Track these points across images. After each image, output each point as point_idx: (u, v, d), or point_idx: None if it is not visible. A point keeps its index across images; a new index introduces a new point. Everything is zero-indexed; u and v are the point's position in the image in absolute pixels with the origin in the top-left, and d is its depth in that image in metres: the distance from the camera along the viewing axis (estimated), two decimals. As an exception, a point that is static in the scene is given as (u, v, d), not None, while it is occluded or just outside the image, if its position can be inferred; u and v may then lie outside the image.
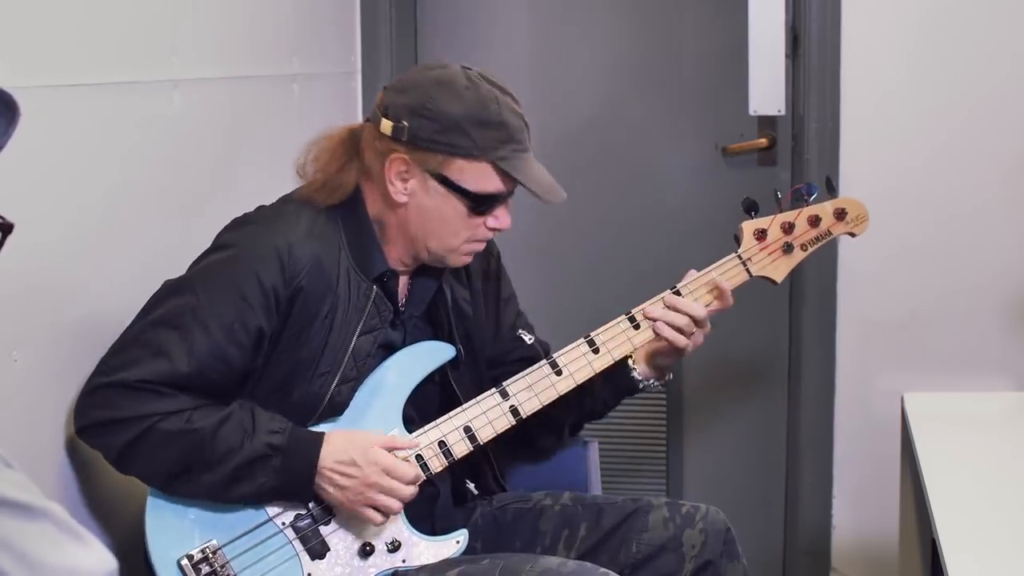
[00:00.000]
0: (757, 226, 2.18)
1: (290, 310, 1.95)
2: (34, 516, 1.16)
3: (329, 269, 1.98)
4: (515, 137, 1.99)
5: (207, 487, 1.91)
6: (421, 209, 2.00)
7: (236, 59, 2.58)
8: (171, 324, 1.91)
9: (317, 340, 1.97)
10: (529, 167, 2.00)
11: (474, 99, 1.97)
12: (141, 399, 1.88)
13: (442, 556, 2.02)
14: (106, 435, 1.91)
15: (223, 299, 1.92)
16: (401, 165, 1.98)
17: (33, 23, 1.83)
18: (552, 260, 3.40)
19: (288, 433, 1.92)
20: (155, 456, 1.90)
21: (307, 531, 1.97)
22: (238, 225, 2.04)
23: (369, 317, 2.01)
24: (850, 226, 2.24)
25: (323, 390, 1.98)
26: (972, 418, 2.76)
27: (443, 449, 2.03)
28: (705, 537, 2.12)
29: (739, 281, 2.17)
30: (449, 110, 1.96)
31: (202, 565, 1.92)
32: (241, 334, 1.92)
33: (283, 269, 1.93)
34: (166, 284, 1.98)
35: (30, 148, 1.70)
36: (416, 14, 3.41)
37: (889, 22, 3.10)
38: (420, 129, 1.96)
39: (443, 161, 1.96)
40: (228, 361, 1.92)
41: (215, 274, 1.96)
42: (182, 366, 1.89)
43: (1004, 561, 1.94)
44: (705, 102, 3.32)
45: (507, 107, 1.99)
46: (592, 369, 2.11)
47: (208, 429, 1.89)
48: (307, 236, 1.97)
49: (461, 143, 1.96)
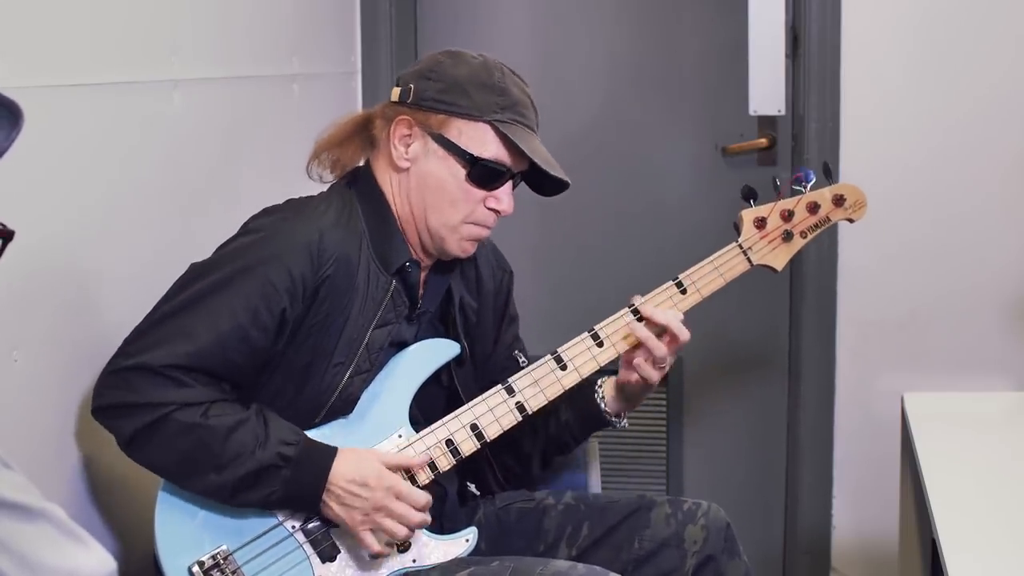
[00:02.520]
0: (757, 214, 2.18)
1: (315, 298, 1.95)
2: (33, 517, 1.16)
3: (353, 260, 1.98)
4: (517, 109, 2.01)
5: (214, 488, 1.90)
6: (422, 175, 2.01)
7: (236, 59, 2.58)
8: (196, 306, 1.91)
9: (334, 331, 1.97)
10: (530, 139, 2.02)
11: (480, 65, 2.02)
12: (160, 385, 1.87)
13: (452, 555, 2.01)
14: (120, 418, 1.89)
15: (249, 282, 1.92)
16: (405, 128, 2.01)
17: (33, 23, 1.83)
18: (552, 260, 3.40)
19: (301, 445, 1.91)
20: (165, 447, 1.88)
21: (317, 534, 1.96)
22: (268, 213, 2.04)
23: (385, 311, 2.01)
24: (848, 212, 2.23)
25: (336, 381, 1.98)
26: (972, 418, 2.76)
27: (451, 448, 2.02)
28: (707, 533, 2.12)
29: (740, 270, 2.16)
30: (454, 72, 2.01)
31: (213, 572, 1.91)
32: (266, 317, 1.91)
33: (312, 257, 1.94)
34: (192, 267, 1.98)
35: (30, 148, 1.69)
36: (416, 14, 3.41)
37: (889, 22, 3.10)
38: (424, 90, 2.00)
39: (443, 121, 1.99)
40: (251, 343, 1.92)
41: (242, 257, 1.95)
42: (205, 348, 1.89)
43: (1004, 561, 1.94)
44: (705, 102, 3.32)
45: (513, 81, 2.03)
46: (597, 363, 2.10)
47: (221, 430, 1.87)
48: (334, 225, 1.98)
49: (461, 102, 1.99)
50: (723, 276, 2.15)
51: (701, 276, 2.14)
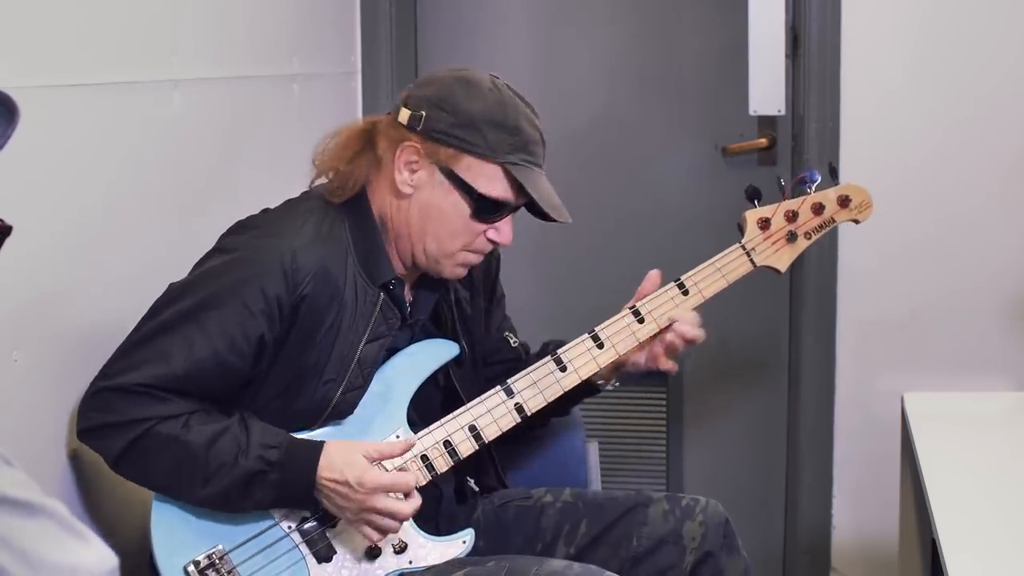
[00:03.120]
0: (760, 215, 2.17)
1: (294, 317, 1.93)
2: (34, 514, 1.16)
3: (335, 275, 1.96)
4: (529, 148, 1.99)
5: (205, 498, 1.90)
6: (424, 204, 1.99)
7: (236, 59, 2.58)
8: (173, 329, 1.90)
9: (323, 347, 1.95)
10: (538, 181, 2.00)
11: (495, 101, 1.98)
12: (139, 403, 1.88)
13: (448, 556, 2.01)
14: (104, 438, 1.90)
15: (225, 306, 1.90)
16: (412, 154, 1.98)
17: (33, 23, 1.83)
18: (552, 260, 3.40)
19: (284, 448, 1.89)
20: (150, 461, 1.89)
21: (313, 534, 1.96)
22: (242, 229, 2.02)
23: (376, 324, 1.99)
24: (854, 213, 2.21)
25: (328, 397, 1.97)
26: (972, 418, 2.76)
27: (448, 449, 2.02)
28: (705, 529, 2.12)
29: (743, 272, 2.15)
30: (468, 106, 1.97)
31: (209, 571, 1.91)
32: (242, 343, 1.90)
33: (286, 277, 1.91)
34: (170, 288, 1.97)
35: (30, 148, 1.70)
36: (416, 14, 3.41)
37: (889, 22, 3.10)
38: (436, 120, 1.97)
39: (454, 156, 1.97)
40: (229, 368, 1.91)
41: (217, 280, 1.93)
42: (181, 371, 1.88)
43: (1004, 561, 1.94)
44: (705, 102, 3.32)
45: (526, 117, 2.00)
46: (597, 364, 2.10)
47: (202, 441, 1.87)
48: (312, 242, 1.95)
49: (474, 140, 1.96)
50: (726, 277, 2.14)
51: (703, 277, 2.14)
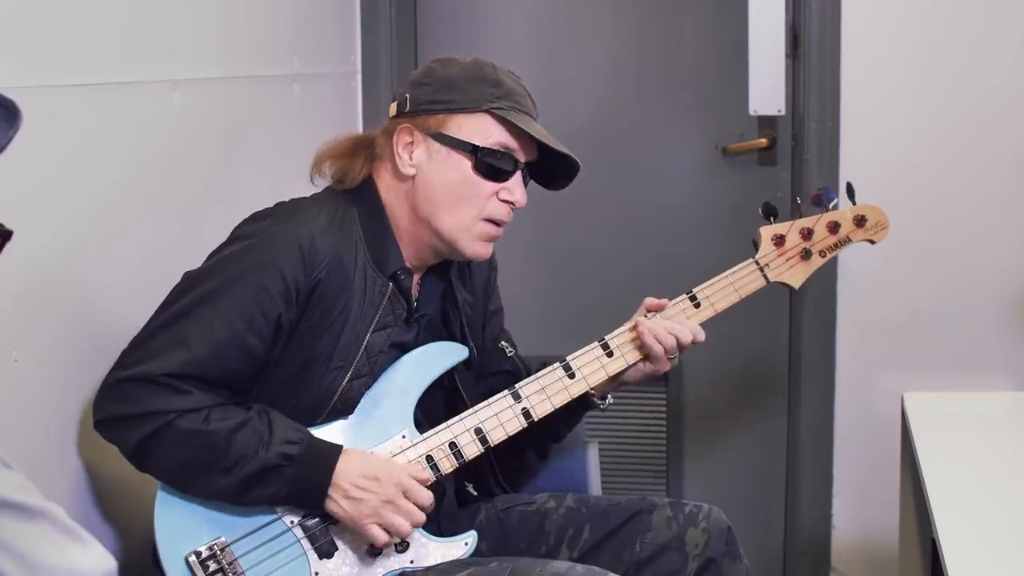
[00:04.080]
0: (776, 231, 2.18)
1: (308, 301, 1.95)
2: (33, 517, 1.16)
3: (347, 264, 1.98)
4: (513, 97, 2.02)
5: (221, 490, 1.90)
6: (429, 179, 2.01)
7: (236, 59, 2.58)
8: (191, 316, 1.91)
9: (332, 334, 1.97)
10: (531, 123, 2.02)
11: (470, 63, 2.05)
12: (159, 394, 1.87)
13: (450, 557, 2.01)
14: (122, 429, 1.90)
15: (243, 289, 1.92)
16: (406, 136, 2.02)
17: (33, 23, 1.83)
18: (552, 260, 3.40)
19: (305, 444, 1.91)
20: (170, 454, 1.89)
21: (315, 530, 1.96)
22: (258, 218, 2.03)
23: (383, 313, 2.01)
24: (870, 233, 2.24)
25: (335, 384, 1.98)
26: (972, 418, 2.76)
27: (454, 450, 2.02)
28: (708, 536, 2.12)
29: (756, 287, 2.17)
30: (445, 72, 2.04)
31: (210, 562, 1.91)
32: (261, 322, 1.91)
33: (304, 260, 1.93)
34: (186, 276, 1.98)
35: (30, 148, 1.70)
36: (416, 14, 3.41)
37: (889, 22, 3.10)
38: (418, 96, 2.03)
39: (442, 120, 2.01)
40: (249, 351, 1.92)
41: (235, 265, 1.95)
42: (203, 357, 1.89)
43: (1004, 561, 1.94)
44: (705, 102, 3.32)
45: (506, 74, 2.05)
46: (605, 372, 2.10)
47: (224, 433, 1.88)
48: (327, 229, 1.98)
49: (456, 98, 2.01)
50: (738, 292, 2.16)
51: (716, 291, 2.15)
